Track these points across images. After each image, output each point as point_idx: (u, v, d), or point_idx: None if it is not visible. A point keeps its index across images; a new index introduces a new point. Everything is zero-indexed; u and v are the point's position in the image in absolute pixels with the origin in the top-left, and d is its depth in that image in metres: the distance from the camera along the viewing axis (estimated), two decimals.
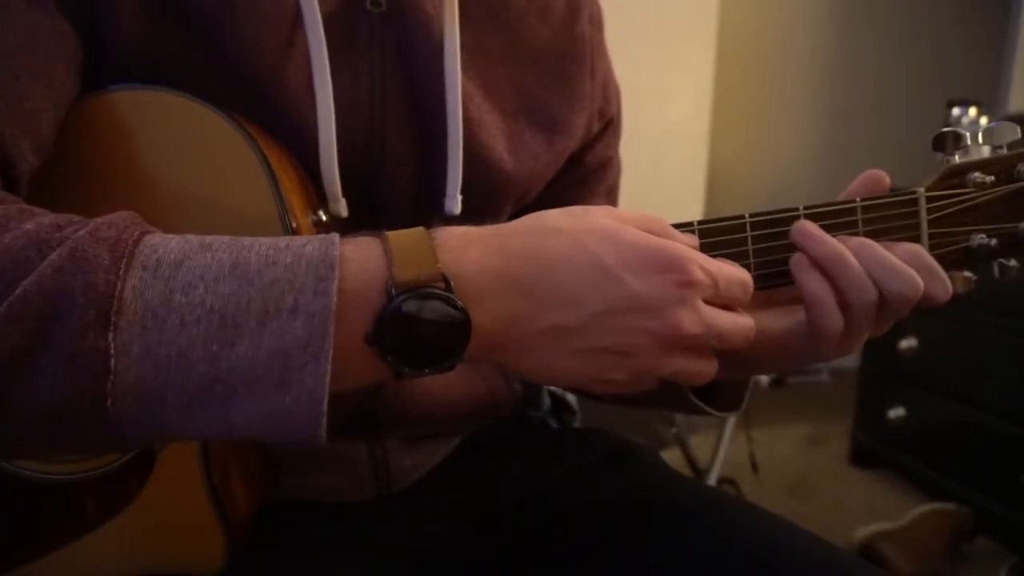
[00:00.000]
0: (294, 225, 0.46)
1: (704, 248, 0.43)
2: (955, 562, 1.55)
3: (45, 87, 0.42)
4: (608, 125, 0.66)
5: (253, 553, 0.51)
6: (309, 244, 0.35)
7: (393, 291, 0.34)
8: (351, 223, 0.54)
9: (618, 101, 0.67)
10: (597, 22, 0.64)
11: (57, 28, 0.44)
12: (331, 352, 0.32)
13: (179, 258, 0.33)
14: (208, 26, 0.47)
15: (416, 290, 0.34)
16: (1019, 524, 1.52)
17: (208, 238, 0.35)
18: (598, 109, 0.64)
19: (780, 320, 0.47)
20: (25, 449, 0.34)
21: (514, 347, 0.37)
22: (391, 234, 0.36)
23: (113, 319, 0.31)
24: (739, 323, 0.40)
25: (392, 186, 0.55)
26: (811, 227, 0.44)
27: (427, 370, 0.36)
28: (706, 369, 0.40)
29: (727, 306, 0.40)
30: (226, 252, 0.34)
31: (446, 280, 0.35)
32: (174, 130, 0.46)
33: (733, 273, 0.40)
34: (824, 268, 0.43)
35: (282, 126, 0.49)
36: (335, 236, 0.35)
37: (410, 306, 0.34)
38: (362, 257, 0.35)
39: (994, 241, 0.48)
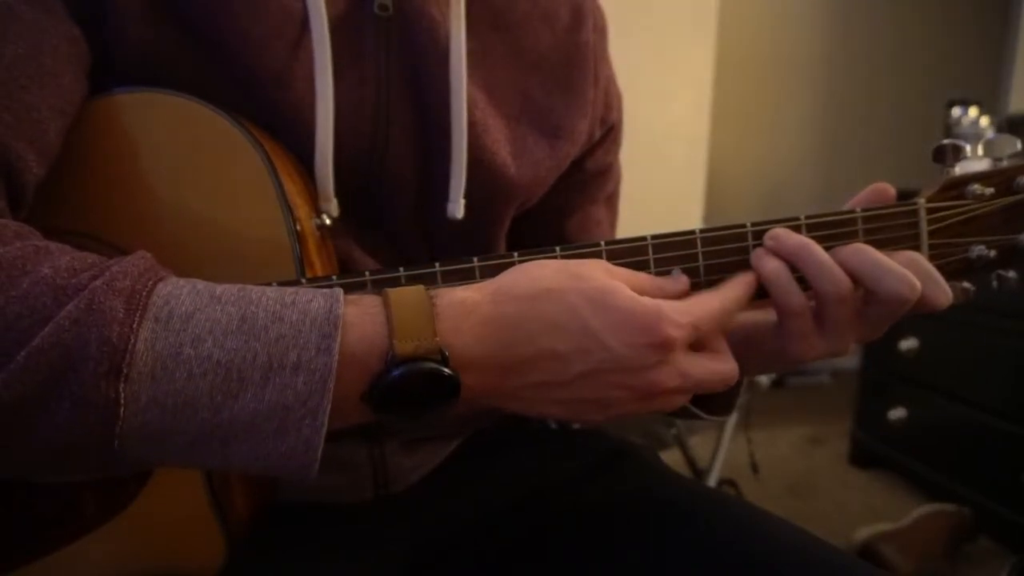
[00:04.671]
0: (298, 228, 0.46)
1: (706, 256, 0.45)
2: (955, 562, 1.55)
3: (52, 96, 0.42)
4: (609, 132, 0.66)
5: (252, 554, 0.51)
6: (315, 300, 0.36)
7: (391, 360, 0.36)
8: (355, 226, 0.54)
9: (619, 108, 0.68)
10: (600, 30, 0.64)
11: (67, 33, 0.44)
12: (329, 407, 0.34)
13: (190, 310, 0.34)
14: (214, 29, 0.47)
15: (413, 362, 0.36)
16: (1019, 524, 1.52)
17: (218, 289, 0.36)
18: (600, 116, 0.64)
19: (747, 315, 0.49)
20: (31, 475, 0.36)
21: (501, 396, 0.40)
22: (394, 298, 0.37)
23: (125, 370, 0.33)
24: (717, 371, 0.42)
25: (395, 189, 0.55)
26: (778, 230, 0.46)
27: (417, 420, 0.38)
28: (680, 402, 0.42)
29: (716, 342, 0.43)
30: (235, 305, 0.35)
31: (442, 352, 0.36)
32: (179, 132, 0.46)
33: (712, 309, 0.42)
34: (789, 259, 0.45)
35: (286, 128, 0.50)
36: (339, 293, 0.37)
37: (406, 374, 0.36)
38: (365, 323, 0.36)
39: (993, 252, 0.48)
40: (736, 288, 0.44)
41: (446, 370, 0.36)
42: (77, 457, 0.34)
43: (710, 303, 0.42)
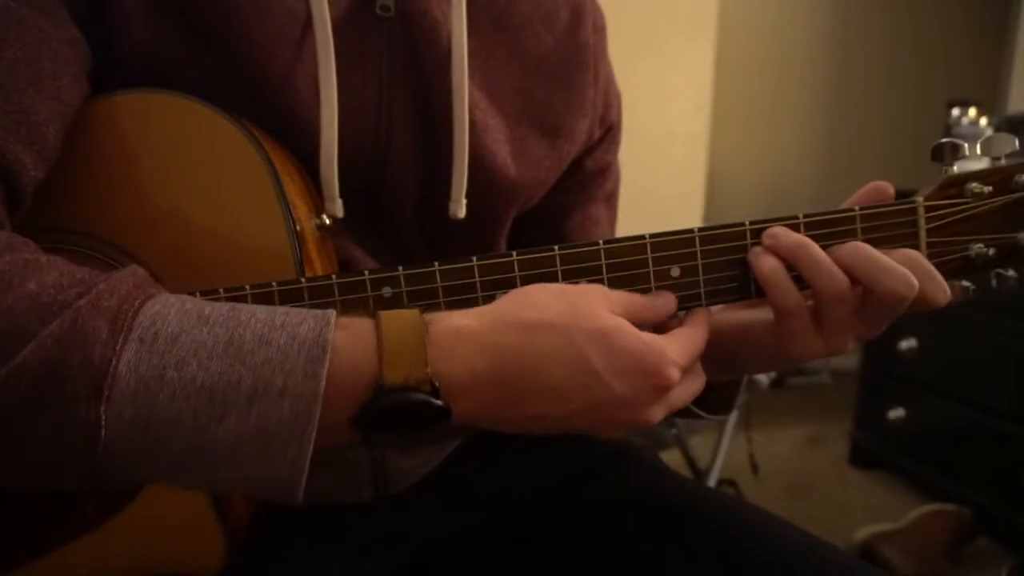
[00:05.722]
0: (298, 228, 0.46)
1: (704, 255, 0.45)
2: (955, 563, 1.55)
3: (51, 98, 0.42)
4: (609, 131, 0.66)
5: (252, 554, 0.51)
6: (304, 323, 0.35)
7: (380, 389, 0.35)
8: (356, 226, 0.54)
9: (619, 108, 0.68)
10: (600, 30, 0.64)
11: (67, 36, 0.44)
12: (314, 433, 0.34)
13: (176, 332, 0.34)
14: (218, 31, 0.47)
15: (403, 391, 0.35)
16: (1019, 524, 1.52)
17: (208, 308, 0.36)
18: (600, 115, 0.64)
19: (746, 313, 0.50)
20: (22, 485, 0.37)
21: (493, 422, 0.40)
22: (386, 324, 0.37)
23: (106, 392, 0.32)
24: (694, 390, 0.44)
25: (396, 189, 0.55)
26: (776, 228, 0.46)
27: (407, 444, 0.37)
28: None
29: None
30: (223, 327, 0.35)
31: (432, 383, 0.36)
32: (179, 132, 0.46)
33: (699, 350, 0.44)
34: (787, 257, 0.45)
35: (288, 129, 0.50)
36: (331, 315, 0.36)
37: (394, 404, 0.35)
38: (354, 349, 0.36)
39: (992, 251, 0.48)
40: (705, 318, 0.45)
41: (436, 401, 0.36)
42: (61, 473, 0.34)
43: (698, 337, 0.43)
